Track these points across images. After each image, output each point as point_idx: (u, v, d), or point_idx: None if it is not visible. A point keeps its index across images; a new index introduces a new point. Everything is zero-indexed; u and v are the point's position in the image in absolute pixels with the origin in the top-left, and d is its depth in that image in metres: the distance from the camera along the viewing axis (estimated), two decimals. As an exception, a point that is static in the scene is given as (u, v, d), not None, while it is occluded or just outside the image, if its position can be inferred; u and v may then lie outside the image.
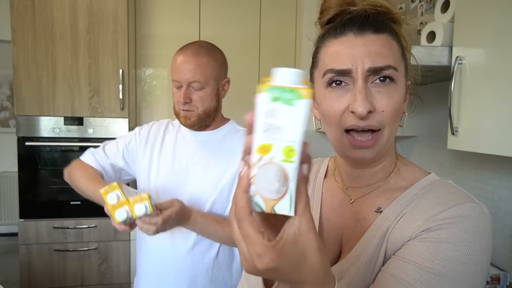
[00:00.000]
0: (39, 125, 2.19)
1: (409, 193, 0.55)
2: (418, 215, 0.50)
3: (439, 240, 0.46)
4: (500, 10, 0.95)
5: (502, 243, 1.30)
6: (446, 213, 0.48)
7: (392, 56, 0.52)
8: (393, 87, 0.51)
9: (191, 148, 1.16)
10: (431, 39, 1.20)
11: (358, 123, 0.50)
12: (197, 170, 1.13)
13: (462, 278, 0.44)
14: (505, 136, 0.93)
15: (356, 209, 0.59)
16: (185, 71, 1.05)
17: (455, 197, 0.51)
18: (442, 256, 0.45)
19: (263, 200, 0.35)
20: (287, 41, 2.63)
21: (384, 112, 0.51)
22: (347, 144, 0.53)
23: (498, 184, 1.33)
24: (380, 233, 0.53)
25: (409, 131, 1.79)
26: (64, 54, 2.17)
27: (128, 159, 1.21)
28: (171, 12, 2.48)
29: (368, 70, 0.50)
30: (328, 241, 0.60)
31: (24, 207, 2.20)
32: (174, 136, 1.20)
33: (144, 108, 2.53)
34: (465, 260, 0.45)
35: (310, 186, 0.67)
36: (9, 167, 3.99)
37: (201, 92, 1.08)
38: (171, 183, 1.13)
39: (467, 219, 0.47)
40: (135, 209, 0.91)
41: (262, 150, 0.34)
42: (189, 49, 1.08)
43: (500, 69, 0.95)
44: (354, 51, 0.50)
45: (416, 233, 0.49)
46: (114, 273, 2.31)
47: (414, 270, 0.45)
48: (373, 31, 0.51)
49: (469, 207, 0.48)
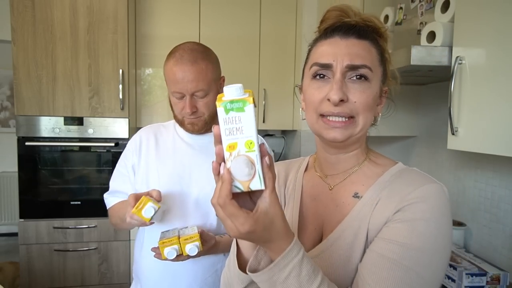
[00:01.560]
0: (39, 125, 2.19)
1: (382, 180, 0.64)
2: (393, 198, 0.59)
3: (413, 219, 0.55)
4: (500, 10, 0.95)
5: (502, 243, 1.30)
6: (415, 192, 0.57)
7: (369, 59, 0.62)
8: (366, 84, 0.61)
9: (193, 151, 1.14)
10: (431, 39, 1.20)
11: (332, 110, 0.61)
12: (202, 173, 1.12)
13: (435, 249, 0.55)
14: (505, 136, 0.93)
15: (335, 195, 0.68)
16: (187, 82, 1.01)
17: (420, 179, 0.60)
18: (417, 232, 0.55)
19: (240, 183, 0.48)
20: (287, 41, 2.63)
21: (356, 103, 0.61)
22: (322, 125, 0.63)
23: (498, 184, 1.33)
24: (360, 216, 0.62)
25: (409, 131, 1.79)
26: (64, 54, 2.17)
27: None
28: (171, 12, 2.48)
29: (346, 67, 0.60)
30: (309, 227, 0.69)
31: (24, 207, 2.20)
32: (170, 139, 1.17)
33: (144, 108, 2.53)
34: (436, 233, 0.55)
35: (292, 180, 0.77)
36: (9, 167, 3.99)
37: (206, 99, 1.06)
38: (175, 186, 1.11)
39: (432, 197, 0.57)
40: (186, 249, 0.96)
41: (230, 148, 0.47)
42: (184, 57, 1.03)
43: (500, 69, 0.95)
44: (337, 50, 0.61)
45: (393, 213, 0.58)
46: (114, 273, 2.31)
47: (397, 249, 0.54)
48: (356, 37, 0.62)
49: (433, 187, 0.58)
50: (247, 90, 0.49)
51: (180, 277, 1.11)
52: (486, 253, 1.36)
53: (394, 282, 0.53)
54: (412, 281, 0.53)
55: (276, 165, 0.79)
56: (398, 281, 0.53)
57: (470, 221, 1.46)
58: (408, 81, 1.65)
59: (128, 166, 1.17)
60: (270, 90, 2.63)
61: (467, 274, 1.15)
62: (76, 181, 2.28)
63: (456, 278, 1.18)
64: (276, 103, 2.64)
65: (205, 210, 1.11)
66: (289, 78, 2.65)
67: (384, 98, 0.68)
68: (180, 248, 0.96)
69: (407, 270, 0.53)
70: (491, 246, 1.35)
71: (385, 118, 0.71)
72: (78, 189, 2.28)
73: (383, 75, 0.65)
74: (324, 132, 0.63)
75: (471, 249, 1.44)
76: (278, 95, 2.65)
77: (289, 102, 2.68)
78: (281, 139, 3.05)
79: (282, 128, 2.77)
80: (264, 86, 2.62)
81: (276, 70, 2.61)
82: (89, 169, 2.29)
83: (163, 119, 1.26)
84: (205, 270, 1.12)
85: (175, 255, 0.95)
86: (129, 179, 1.17)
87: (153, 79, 2.54)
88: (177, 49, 1.06)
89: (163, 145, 1.17)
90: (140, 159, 1.16)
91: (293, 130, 2.77)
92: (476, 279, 1.15)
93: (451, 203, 1.62)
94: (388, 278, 0.53)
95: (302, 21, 2.60)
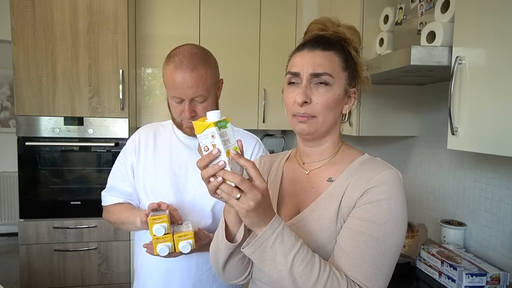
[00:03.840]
0: (39, 125, 2.19)
1: (352, 167, 0.77)
2: (360, 182, 0.73)
3: (377, 199, 0.69)
4: (500, 10, 0.95)
5: (502, 243, 1.30)
6: (377, 177, 0.71)
7: (331, 67, 0.74)
8: (327, 88, 0.74)
9: (190, 150, 1.15)
10: (431, 39, 1.20)
11: (298, 110, 0.75)
12: (198, 173, 1.13)
13: (396, 221, 0.69)
14: (505, 136, 0.93)
15: (311, 179, 0.81)
16: (186, 88, 1.02)
17: (381, 166, 0.75)
18: (382, 210, 0.69)
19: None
20: (287, 41, 2.63)
21: (318, 104, 0.74)
22: (294, 121, 0.78)
23: (498, 184, 1.33)
24: (333, 195, 0.75)
25: (409, 131, 1.79)
26: (64, 54, 2.18)
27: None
28: (171, 12, 2.48)
29: (310, 74, 0.74)
30: (287, 205, 0.83)
31: (24, 207, 2.20)
32: (168, 138, 1.18)
33: (144, 108, 2.53)
34: (395, 208, 0.69)
35: (274, 169, 0.90)
36: (9, 167, 3.99)
37: (204, 103, 1.06)
38: (171, 186, 1.12)
39: (392, 180, 0.71)
40: (179, 246, 0.95)
41: (227, 154, 0.62)
42: (183, 63, 1.02)
43: (500, 69, 0.95)
44: (304, 61, 0.75)
45: (361, 194, 0.71)
46: (114, 273, 2.31)
47: (368, 224, 0.68)
48: (321, 49, 0.75)
49: (391, 172, 0.72)
50: (225, 116, 0.67)
51: (173, 273, 1.12)
52: (486, 253, 1.36)
53: (368, 250, 0.67)
54: (381, 248, 0.68)
55: (262, 158, 0.95)
56: (371, 249, 0.67)
57: (470, 221, 1.46)
58: (408, 81, 1.65)
59: (127, 165, 1.18)
60: (270, 90, 2.63)
61: (467, 274, 1.15)
62: (76, 181, 2.28)
63: (456, 278, 1.18)
64: (276, 103, 2.64)
65: (201, 209, 1.12)
66: (289, 78, 2.65)
67: (352, 98, 0.80)
68: (173, 245, 0.95)
69: (377, 240, 0.68)
70: (491, 246, 1.35)
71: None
72: (78, 189, 2.28)
73: (349, 78, 0.77)
74: (295, 126, 0.78)
75: (471, 249, 1.44)
76: (278, 95, 2.62)
77: (289, 102, 2.67)
78: (281, 139, 3.05)
79: (282, 128, 2.77)
80: (264, 86, 2.62)
81: (276, 70, 2.61)
82: (89, 169, 2.30)
83: (163, 119, 1.26)
84: (199, 267, 1.13)
85: (167, 252, 0.95)
86: (127, 177, 1.18)
87: (153, 79, 2.54)
88: (177, 53, 1.05)
89: (161, 145, 1.18)
90: (139, 158, 1.17)
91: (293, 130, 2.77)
92: (476, 279, 1.15)
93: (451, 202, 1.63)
94: (363, 248, 0.67)
95: (302, 21, 2.60)
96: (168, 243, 0.95)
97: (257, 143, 1.19)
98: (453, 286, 1.19)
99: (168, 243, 0.95)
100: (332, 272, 0.65)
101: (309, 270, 0.64)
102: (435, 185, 1.67)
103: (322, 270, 0.64)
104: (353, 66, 0.78)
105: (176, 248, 0.96)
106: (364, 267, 0.66)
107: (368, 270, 0.66)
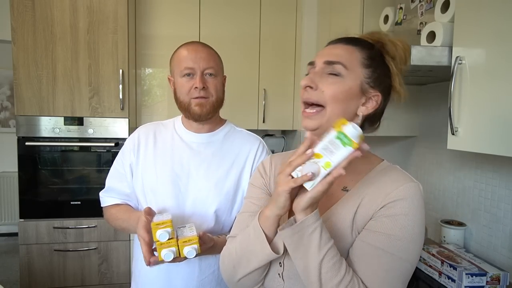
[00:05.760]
0: (39, 125, 2.19)
1: (369, 177, 0.74)
2: (378, 195, 0.70)
3: (395, 214, 0.67)
4: (500, 10, 0.95)
5: (502, 243, 1.30)
6: (397, 191, 0.68)
7: (347, 58, 0.72)
8: (338, 79, 0.71)
9: (192, 150, 1.13)
10: (431, 39, 1.20)
11: (302, 94, 0.73)
12: (200, 173, 1.11)
13: (412, 237, 0.66)
14: (505, 136, 0.93)
15: None
16: (199, 59, 1.07)
17: (401, 178, 0.71)
18: (399, 225, 0.66)
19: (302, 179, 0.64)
20: (287, 41, 2.63)
21: (324, 92, 0.71)
22: (302, 118, 0.75)
23: (498, 184, 1.33)
24: (347, 206, 0.72)
25: (409, 131, 1.79)
26: (64, 54, 2.18)
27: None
28: (171, 13, 2.48)
29: (324, 62, 0.73)
30: None
31: (24, 207, 2.20)
32: (169, 137, 1.16)
33: (144, 108, 2.53)
34: (413, 225, 0.66)
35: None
36: (9, 167, 3.99)
37: (215, 80, 1.10)
38: (173, 187, 1.10)
39: (412, 196, 0.68)
40: (184, 252, 0.92)
41: (316, 156, 0.62)
42: (194, 43, 1.12)
43: (500, 69, 0.95)
44: (324, 52, 0.75)
45: (379, 208, 0.68)
46: (114, 273, 2.31)
47: (384, 239, 0.66)
48: (344, 43, 0.75)
49: (412, 185, 0.69)
50: (362, 137, 0.61)
51: (175, 278, 1.10)
52: (486, 253, 1.36)
53: (382, 266, 0.66)
54: (396, 264, 0.66)
55: (273, 157, 0.90)
56: (385, 265, 0.65)
57: (470, 221, 1.46)
58: (408, 81, 1.65)
59: (126, 165, 1.16)
60: (270, 90, 2.63)
61: (467, 274, 1.15)
62: (76, 181, 2.28)
63: (456, 278, 1.18)
64: (276, 103, 2.64)
65: (203, 210, 1.09)
66: (289, 78, 2.65)
67: (373, 101, 0.74)
68: (178, 250, 0.93)
69: (391, 256, 0.65)
70: (491, 246, 1.35)
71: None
72: (78, 189, 2.28)
73: (370, 77, 0.73)
74: (302, 123, 0.75)
75: (471, 249, 1.44)
76: (278, 95, 2.65)
77: (289, 102, 2.68)
78: (281, 139, 3.05)
79: (282, 128, 2.77)
80: (264, 86, 2.62)
81: (276, 70, 2.61)
82: (89, 169, 2.29)
83: (163, 119, 1.25)
84: (202, 271, 1.11)
85: (172, 258, 0.92)
86: (125, 178, 1.16)
87: (153, 79, 2.54)
88: (187, 42, 1.13)
89: (161, 144, 1.15)
90: (138, 158, 1.14)
91: (293, 130, 2.77)
92: (476, 279, 1.15)
93: (451, 202, 1.62)
94: (377, 264, 0.66)
95: (302, 21, 2.60)
96: (172, 248, 0.92)
97: (261, 144, 1.18)
98: (453, 286, 1.19)
99: (173, 248, 0.92)
100: (354, 278, 0.65)
101: (336, 268, 0.64)
102: (435, 185, 1.67)
103: (347, 273, 0.64)
104: (381, 68, 0.74)
105: (181, 253, 0.93)
106: (376, 283, 0.65)
107: (380, 286, 0.65)
